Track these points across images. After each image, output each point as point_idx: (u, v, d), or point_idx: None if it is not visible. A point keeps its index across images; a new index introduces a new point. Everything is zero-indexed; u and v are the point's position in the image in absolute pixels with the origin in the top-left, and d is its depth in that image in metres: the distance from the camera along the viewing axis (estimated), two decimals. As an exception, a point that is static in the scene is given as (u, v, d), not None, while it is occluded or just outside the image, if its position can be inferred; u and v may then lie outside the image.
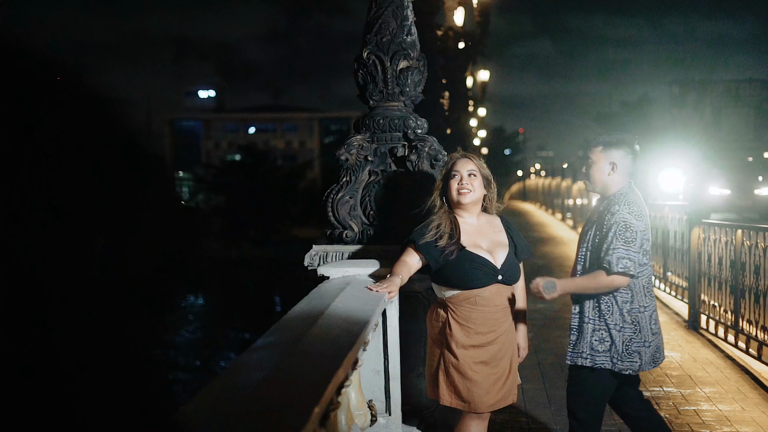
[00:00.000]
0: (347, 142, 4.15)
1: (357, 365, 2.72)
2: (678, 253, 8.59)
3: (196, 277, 1.76)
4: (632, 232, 3.08)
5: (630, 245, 3.06)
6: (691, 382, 5.47)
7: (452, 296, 3.24)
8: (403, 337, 3.59)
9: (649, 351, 3.18)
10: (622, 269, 3.05)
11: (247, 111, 75.50)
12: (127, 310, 0.84)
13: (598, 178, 3.28)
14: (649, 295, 3.21)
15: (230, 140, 71.46)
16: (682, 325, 7.58)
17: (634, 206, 3.13)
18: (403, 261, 3.28)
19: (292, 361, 2.08)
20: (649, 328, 3.17)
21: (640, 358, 3.15)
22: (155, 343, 0.89)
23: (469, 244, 3.26)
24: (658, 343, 3.22)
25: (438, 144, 4.17)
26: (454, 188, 3.29)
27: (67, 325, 0.77)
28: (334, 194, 4.13)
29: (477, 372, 3.19)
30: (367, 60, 4.16)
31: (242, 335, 19.39)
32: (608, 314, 3.13)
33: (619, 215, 3.12)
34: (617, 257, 3.05)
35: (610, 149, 3.27)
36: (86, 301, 0.79)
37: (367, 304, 2.98)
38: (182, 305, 26.67)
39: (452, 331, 3.21)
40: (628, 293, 3.13)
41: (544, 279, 3.10)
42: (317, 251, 4.04)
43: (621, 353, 3.13)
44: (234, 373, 1.94)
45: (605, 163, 3.26)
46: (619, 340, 3.12)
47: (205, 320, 25.27)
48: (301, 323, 2.56)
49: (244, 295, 28.86)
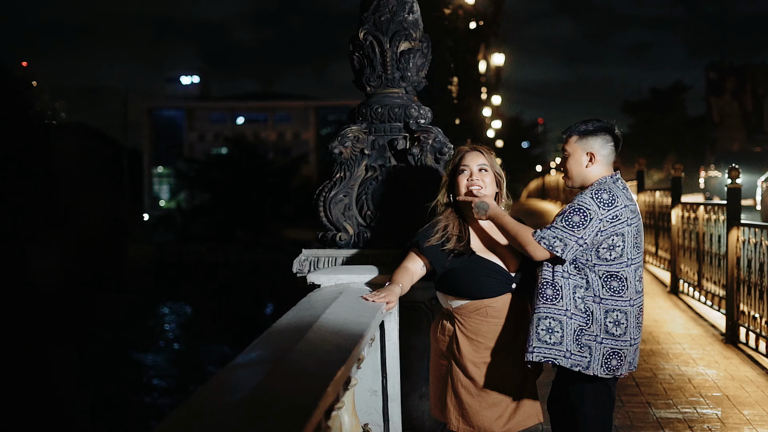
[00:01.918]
0: (341, 133, 4.13)
1: (350, 384, 2.69)
2: (714, 258, 8.56)
3: (121, 286, 1.74)
4: (584, 217, 3.08)
5: (572, 229, 3.07)
6: (728, 403, 5.45)
7: (460, 307, 3.22)
8: (404, 352, 3.57)
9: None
10: (546, 245, 3.08)
11: (234, 99, 75.62)
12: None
13: (575, 171, 3.29)
14: (616, 296, 3.16)
15: (216, 132, 71.57)
16: (719, 339, 7.55)
17: (604, 194, 3.14)
18: (405, 267, 3.26)
19: (275, 380, 2.06)
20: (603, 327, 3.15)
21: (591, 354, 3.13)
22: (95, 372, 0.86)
23: (479, 249, 3.25)
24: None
25: (443, 135, 4.15)
26: (462, 185, 3.27)
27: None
28: (326, 192, 4.12)
29: (489, 392, 3.18)
30: (364, 41, 4.14)
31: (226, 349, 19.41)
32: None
33: (580, 197, 3.15)
34: (550, 233, 3.09)
35: (587, 138, 3.27)
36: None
37: (362, 315, 2.95)
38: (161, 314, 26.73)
39: (460, 346, 3.20)
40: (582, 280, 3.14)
41: (480, 198, 3.22)
42: (307, 256, 4.03)
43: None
44: (207, 394, 1.91)
45: (582, 154, 3.27)
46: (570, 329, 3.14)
47: (186, 332, 25.29)
48: (287, 337, 2.54)
49: (230, 304, 28.87)
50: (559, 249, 3.08)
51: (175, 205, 61.29)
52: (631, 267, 3.16)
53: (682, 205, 10.51)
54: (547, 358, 3.13)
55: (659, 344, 7.30)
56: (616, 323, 3.14)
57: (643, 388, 5.80)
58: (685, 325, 8.29)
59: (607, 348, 3.13)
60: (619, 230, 3.13)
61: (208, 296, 30.48)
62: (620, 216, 3.13)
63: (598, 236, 3.11)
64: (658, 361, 6.65)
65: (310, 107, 72.65)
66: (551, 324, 3.12)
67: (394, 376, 3.43)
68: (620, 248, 3.13)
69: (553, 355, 3.12)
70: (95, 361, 17.59)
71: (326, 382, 2.06)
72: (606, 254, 3.12)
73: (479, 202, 3.21)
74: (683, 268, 10.17)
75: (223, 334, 23.28)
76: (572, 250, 3.09)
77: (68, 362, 0.83)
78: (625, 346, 3.16)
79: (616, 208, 3.13)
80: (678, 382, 5.99)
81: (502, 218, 3.21)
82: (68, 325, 0.83)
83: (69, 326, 0.83)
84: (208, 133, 72.69)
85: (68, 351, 0.85)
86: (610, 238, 3.12)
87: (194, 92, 76.26)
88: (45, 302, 0.82)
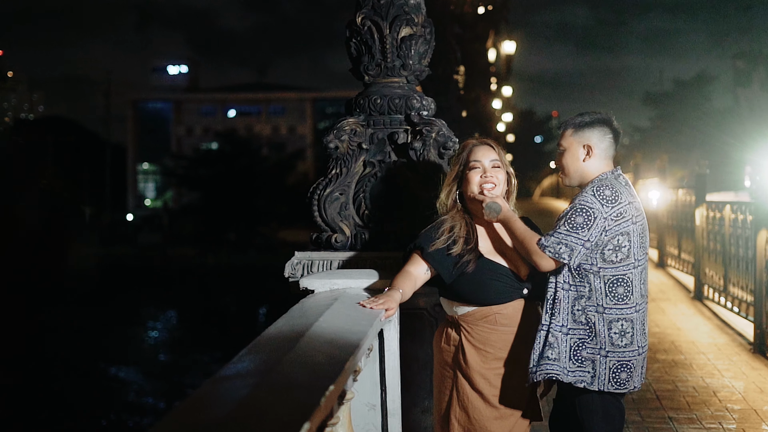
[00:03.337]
0: (337, 126, 4.13)
1: (345, 398, 2.69)
2: (741, 262, 8.53)
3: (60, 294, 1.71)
4: (587, 217, 3.08)
5: (576, 231, 3.08)
6: (756, 418, 5.43)
7: (466, 314, 3.21)
8: (405, 363, 3.56)
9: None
10: (551, 253, 3.08)
11: (225, 90, 75.77)
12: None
13: (572, 167, 3.29)
14: (621, 303, 3.15)
15: (205, 125, 71.75)
16: (746, 348, 7.53)
17: (606, 190, 3.13)
18: (407, 272, 3.24)
19: (262, 394, 2.05)
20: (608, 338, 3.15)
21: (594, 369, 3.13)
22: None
23: (487, 251, 3.24)
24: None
25: (448, 129, 4.14)
26: (475, 182, 3.26)
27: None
28: (320, 190, 4.11)
29: (497, 406, 3.17)
30: (362, 26, 4.14)
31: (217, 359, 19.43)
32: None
33: (581, 196, 3.15)
34: (554, 240, 3.09)
35: (583, 130, 3.27)
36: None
37: (358, 323, 2.94)
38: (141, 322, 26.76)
39: (466, 357, 3.18)
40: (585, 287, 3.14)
41: (491, 199, 3.22)
42: (300, 259, 4.02)
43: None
44: (186, 412, 1.90)
45: (578, 148, 3.27)
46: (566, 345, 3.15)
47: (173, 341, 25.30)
48: (276, 347, 2.53)
49: (221, 310, 28.89)
50: (565, 255, 3.08)
51: (161, 205, 61.42)
52: (638, 269, 3.17)
53: (707, 205, 10.49)
54: (550, 374, 3.14)
55: (682, 354, 7.28)
56: (621, 333, 3.13)
57: (665, 401, 5.78)
58: (710, 334, 8.27)
59: (614, 361, 3.13)
60: (624, 229, 3.12)
61: (196, 302, 30.50)
62: (625, 213, 3.13)
63: (602, 236, 3.10)
64: (681, 372, 6.63)
65: (306, 99, 72.79)
66: (550, 339, 3.14)
67: (394, 389, 3.42)
68: (626, 248, 3.13)
69: (555, 370, 3.14)
70: (55, 378, 17.56)
71: (318, 397, 2.04)
72: (612, 256, 3.12)
73: (491, 203, 3.21)
74: (708, 272, 10.15)
75: (210, 344, 23.30)
76: (579, 254, 3.09)
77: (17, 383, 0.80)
78: (633, 357, 3.16)
79: (620, 204, 3.13)
80: (702, 395, 5.97)
81: (512, 222, 3.21)
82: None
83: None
84: (196, 127, 72.86)
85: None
86: (616, 238, 3.12)
87: (182, 83, 76.44)
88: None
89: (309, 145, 64.39)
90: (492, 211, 3.20)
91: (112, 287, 31.67)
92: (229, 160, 48.16)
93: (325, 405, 2.09)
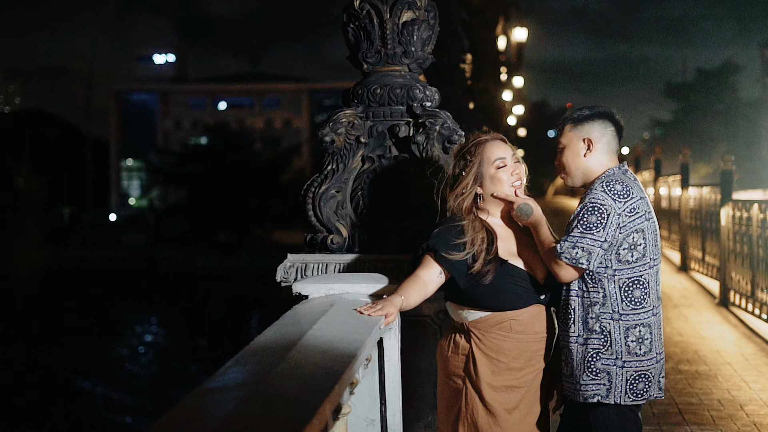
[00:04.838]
0: (333, 118, 4.12)
1: (341, 413, 2.71)
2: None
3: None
4: (600, 215, 3.09)
5: (591, 232, 3.08)
6: (787, 434, 5.42)
7: (478, 320, 3.19)
8: (406, 375, 3.56)
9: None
10: (568, 260, 3.08)
11: (215, 81, 75.89)
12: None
13: (573, 163, 3.30)
14: (638, 307, 3.15)
15: (194, 118, 71.91)
16: (777, 359, 7.52)
17: (617, 185, 3.14)
18: (418, 277, 3.21)
19: (250, 408, 2.05)
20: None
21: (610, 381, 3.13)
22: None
23: (505, 253, 3.22)
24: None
25: (453, 121, 4.14)
26: (506, 181, 3.26)
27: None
28: (315, 187, 4.11)
29: (510, 422, 3.16)
30: (360, 10, 4.14)
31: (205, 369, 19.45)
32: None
33: (590, 194, 3.16)
34: (568, 245, 3.09)
35: (583, 124, 3.29)
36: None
37: (355, 331, 2.94)
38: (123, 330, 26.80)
39: (477, 366, 3.17)
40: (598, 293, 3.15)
41: (524, 200, 3.25)
42: (294, 262, 4.03)
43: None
44: (168, 427, 1.89)
45: (578, 142, 3.28)
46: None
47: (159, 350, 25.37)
48: (266, 357, 2.54)
49: (210, 317, 28.98)
50: (584, 260, 3.07)
51: (146, 204, 61.49)
52: (654, 269, 3.18)
53: (733, 204, 10.47)
54: (566, 393, 3.18)
55: (707, 365, 7.27)
56: (639, 341, 3.13)
57: (688, 416, 5.77)
58: (737, 343, 8.26)
59: (631, 371, 3.13)
60: (639, 226, 3.13)
61: (183, 309, 30.56)
62: (638, 209, 3.14)
63: (617, 234, 3.10)
64: (706, 384, 6.62)
65: (303, 90, 72.90)
66: (566, 353, 3.17)
67: (395, 402, 3.41)
68: (642, 247, 3.13)
69: (567, 389, 3.17)
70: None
71: (311, 412, 2.04)
72: (627, 256, 3.12)
73: (523, 205, 3.24)
74: (734, 277, 10.14)
75: (198, 354, 23.35)
76: (598, 257, 3.09)
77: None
78: (651, 365, 3.16)
79: (633, 199, 3.14)
80: (728, 408, 5.96)
81: (540, 227, 3.24)
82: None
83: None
84: (184, 121, 72.99)
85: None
86: (631, 235, 3.12)
87: (169, 73, 76.52)
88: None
89: (305, 140, 64.52)
90: (523, 213, 3.23)
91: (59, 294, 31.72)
92: (219, 156, 48.32)
93: (319, 420, 2.10)
